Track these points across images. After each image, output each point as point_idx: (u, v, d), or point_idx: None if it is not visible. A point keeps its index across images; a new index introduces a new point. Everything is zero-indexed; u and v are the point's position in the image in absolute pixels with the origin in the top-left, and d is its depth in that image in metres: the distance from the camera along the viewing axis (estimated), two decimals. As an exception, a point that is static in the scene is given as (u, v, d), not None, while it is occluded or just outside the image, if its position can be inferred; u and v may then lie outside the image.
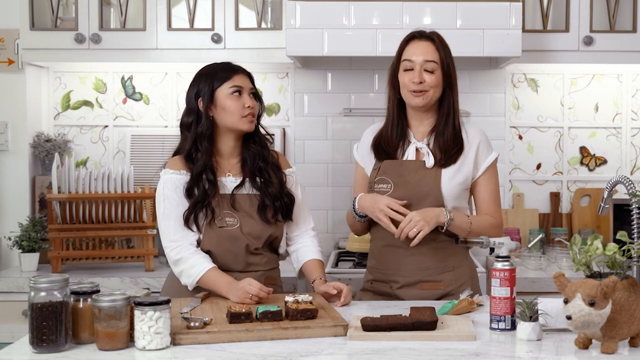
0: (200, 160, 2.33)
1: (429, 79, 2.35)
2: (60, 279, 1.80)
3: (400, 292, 2.39)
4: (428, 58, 2.36)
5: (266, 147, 2.44)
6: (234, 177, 2.39)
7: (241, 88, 2.36)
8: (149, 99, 3.60)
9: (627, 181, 2.14)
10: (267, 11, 3.35)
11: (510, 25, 3.07)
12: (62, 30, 3.29)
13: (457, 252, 2.41)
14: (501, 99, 3.58)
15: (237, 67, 2.41)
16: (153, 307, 1.78)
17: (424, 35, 2.40)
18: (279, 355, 1.75)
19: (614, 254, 1.82)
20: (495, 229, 2.39)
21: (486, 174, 2.42)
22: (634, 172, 3.61)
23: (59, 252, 3.11)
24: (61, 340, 1.78)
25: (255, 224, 2.35)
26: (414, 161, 2.40)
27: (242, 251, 2.32)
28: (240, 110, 2.34)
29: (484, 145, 2.43)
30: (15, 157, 3.43)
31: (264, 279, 2.34)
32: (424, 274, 2.38)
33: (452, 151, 2.38)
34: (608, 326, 1.73)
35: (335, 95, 3.58)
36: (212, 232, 2.31)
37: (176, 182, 2.33)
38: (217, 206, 2.32)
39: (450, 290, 2.38)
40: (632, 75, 3.58)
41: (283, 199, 2.39)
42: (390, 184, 2.39)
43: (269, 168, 2.40)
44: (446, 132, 2.39)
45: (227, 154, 2.40)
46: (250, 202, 2.37)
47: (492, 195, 2.42)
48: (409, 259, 2.39)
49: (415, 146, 2.42)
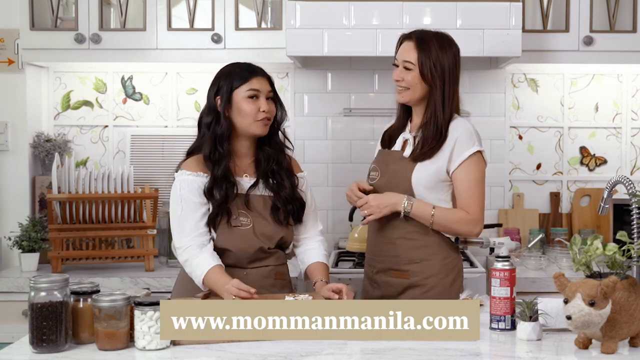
0: (222, 163, 2.33)
1: (406, 77, 2.42)
2: (60, 279, 1.80)
3: (377, 277, 2.50)
4: (405, 58, 2.42)
5: (281, 152, 2.45)
6: (249, 177, 2.41)
7: (258, 91, 2.35)
8: (149, 99, 3.60)
9: (627, 181, 2.14)
10: (267, 11, 3.35)
11: (510, 25, 3.06)
12: (62, 30, 3.29)
13: (428, 245, 2.42)
14: (501, 99, 3.58)
15: (256, 70, 2.39)
16: (153, 307, 1.78)
17: (411, 35, 2.45)
18: (279, 355, 1.75)
19: (614, 254, 1.82)
20: (465, 224, 2.38)
21: (463, 167, 2.39)
22: (634, 172, 3.61)
23: (59, 252, 3.11)
24: (61, 340, 1.78)
25: (267, 225, 2.37)
26: (398, 151, 2.49)
27: (254, 250, 2.36)
28: (254, 113, 2.34)
29: (463, 139, 2.40)
30: (15, 157, 3.43)
31: (274, 274, 2.39)
32: (393, 262, 2.46)
33: (427, 147, 2.40)
34: (608, 326, 1.73)
35: (335, 95, 3.58)
36: (227, 231, 2.34)
37: (194, 183, 2.34)
38: (233, 206, 2.34)
39: (416, 282, 2.41)
40: (632, 75, 3.57)
41: (294, 203, 2.41)
42: (378, 172, 2.50)
43: (282, 172, 2.42)
44: (427, 130, 2.42)
45: (243, 154, 2.42)
46: (263, 203, 2.39)
47: (467, 189, 2.40)
48: (383, 246, 2.48)
49: (404, 137, 2.50)
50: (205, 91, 3.68)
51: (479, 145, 2.42)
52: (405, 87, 2.42)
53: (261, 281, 2.36)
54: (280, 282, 2.42)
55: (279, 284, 2.41)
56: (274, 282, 2.40)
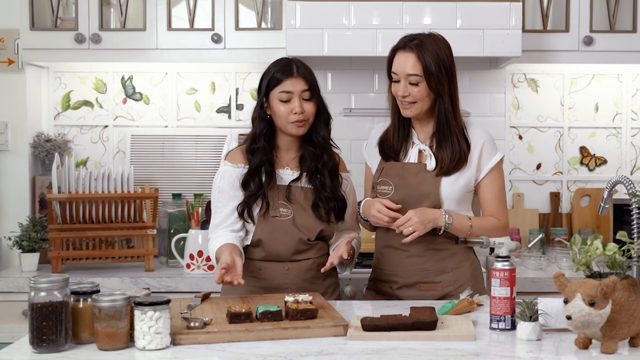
0: (257, 156, 2.37)
1: (413, 92, 2.32)
2: (60, 279, 1.80)
3: (400, 293, 2.40)
4: (410, 72, 2.31)
5: (326, 151, 2.42)
6: (292, 171, 2.42)
7: (291, 93, 2.35)
8: (149, 99, 3.60)
9: (627, 181, 2.14)
10: (267, 11, 3.35)
11: (510, 25, 3.06)
12: (62, 30, 3.29)
13: (456, 253, 2.40)
14: (501, 99, 3.58)
15: (291, 70, 2.37)
16: (153, 307, 1.78)
17: (407, 46, 2.34)
18: (279, 355, 1.75)
19: (614, 254, 1.82)
20: (499, 231, 2.38)
21: (490, 176, 2.40)
22: (634, 172, 3.61)
23: (59, 252, 3.11)
24: (61, 340, 1.78)
25: (308, 218, 2.38)
26: (416, 164, 2.40)
27: (295, 242, 2.36)
28: (287, 115, 2.35)
29: (488, 147, 2.40)
30: (15, 157, 3.43)
31: (316, 266, 2.38)
32: (421, 275, 2.39)
33: (452, 164, 2.36)
34: (608, 326, 1.73)
35: (335, 95, 3.57)
36: (265, 222, 2.36)
37: (233, 175, 2.39)
38: (272, 197, 2.36)
39: (449, 292, 2.38)
40: (632, 75, 3.57)
41: (337, 202, 2.41)
42: (391, 186, 2.38)
43: (326, 171, 2.41)
44: (447, 143, 2.35)
45: (286, 147, 2.43)
46: (305, 195, 2.40)
47: (496, 197, 2.40)
48: (407, 261, 2.39)
49: (418, 148, 2.41)
50: (205, 91, 3.71)
51: (499, 151, 2.44)
52: (413, 101, 2.34)
53: (303, 275, 2.38)
54: (324, 273, 2.37)
55: (322, 276, 2.39)
56: (317, 274, 2.39)
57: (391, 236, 2.38)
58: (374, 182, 2.45)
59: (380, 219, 2.33)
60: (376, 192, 2.42)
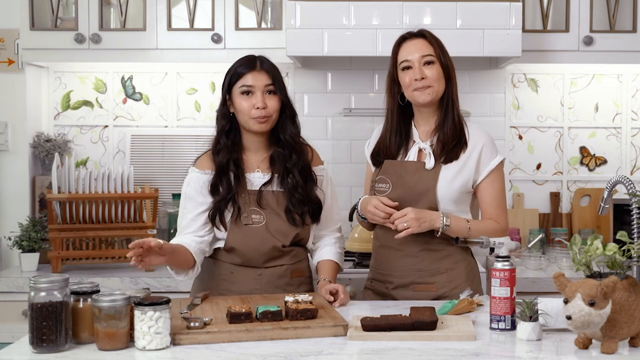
0: (223, 156, 2.30)
1: (430, 73, 2.34)
2: (60, 279, 1.80)
3: (395, 293, 2.40)
4: (424, 53, 2.35)
5: (295, 150, 2.35)
6: (263, 173, 2.35)
7: (252, 87, 2.29)
8: (149, 99, 3.60)
9: (627, 181, 2.14)
10: (267, 11, 3.35)
11: (510, 25, 3.07)
12: (62, 30, 3.29)
13: (452, 254, 2.38)
14: (501, 99, 3.58)
15: (253, 64, 2.31)
16: (153, 307, 1.78)
17: (414, 34, 2.40)
18: (279, 355, 1.75)
19: (614, 254, 1.82)
20: (498, 234, 2.34)
21: (489, 178, 2.38)
22: (634, 172, 3.61)
23: (59, 252, 3.11)
24: (61, 340, 1.78)
25: (282, 223, 2.32)
26: (414, 162, 2.39)
27: (268, 249, 2.30)
28: (249, 110, 2.28)
29: (488, 148, 2.39)
30: (15, 157, 3.43)
31: (290, 273, 2.34)
32: (416, 276, 2.38)
33: (451, 144, 2.35)
34: (608, 326, 1.73)
35: (335, 95, 3.58)
36: (237, 229, 2.29)
37: (200, 181, 2.32)
38: (243, 203, 2.29)
39: (444, 293, 2.36)
40: (632, 75, 3.57)
41: (311, 205, 2.34)
42: (389, 184, 2.38)
43: (296, 171, 2.33)
44: (446, 125, 2.36)
45: (254, 148, 2.36)
46: (277, 200, 2.32)
47: (495, 200, 2.38)
48: (402, 261, 2.39)
49: (418, 147, 2.41)
50: (205, 91, 3.70)
51: (500, 153, 2.42)
52: (429, 84, 2.33)
53: (276, 281, 2.33)
54: (298, 280, 2.36)
55: (295, 282, 2.36)
56: (290, 281, 2.35)
57: (388, 236, 2.37)
58: (372, 180, 2.45)
59: (376, 215, 2.31)
60: (374, 189, 2.42)
